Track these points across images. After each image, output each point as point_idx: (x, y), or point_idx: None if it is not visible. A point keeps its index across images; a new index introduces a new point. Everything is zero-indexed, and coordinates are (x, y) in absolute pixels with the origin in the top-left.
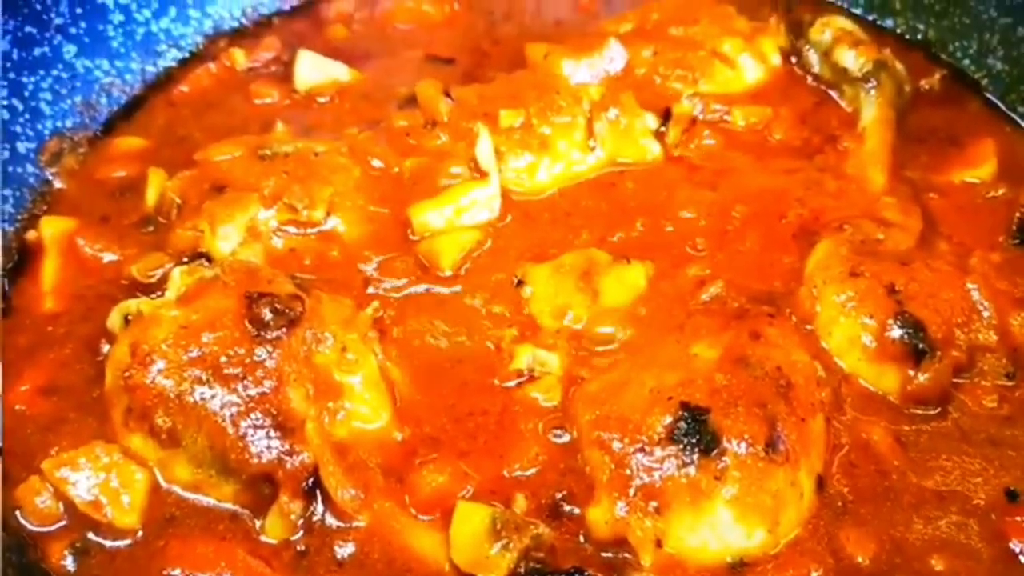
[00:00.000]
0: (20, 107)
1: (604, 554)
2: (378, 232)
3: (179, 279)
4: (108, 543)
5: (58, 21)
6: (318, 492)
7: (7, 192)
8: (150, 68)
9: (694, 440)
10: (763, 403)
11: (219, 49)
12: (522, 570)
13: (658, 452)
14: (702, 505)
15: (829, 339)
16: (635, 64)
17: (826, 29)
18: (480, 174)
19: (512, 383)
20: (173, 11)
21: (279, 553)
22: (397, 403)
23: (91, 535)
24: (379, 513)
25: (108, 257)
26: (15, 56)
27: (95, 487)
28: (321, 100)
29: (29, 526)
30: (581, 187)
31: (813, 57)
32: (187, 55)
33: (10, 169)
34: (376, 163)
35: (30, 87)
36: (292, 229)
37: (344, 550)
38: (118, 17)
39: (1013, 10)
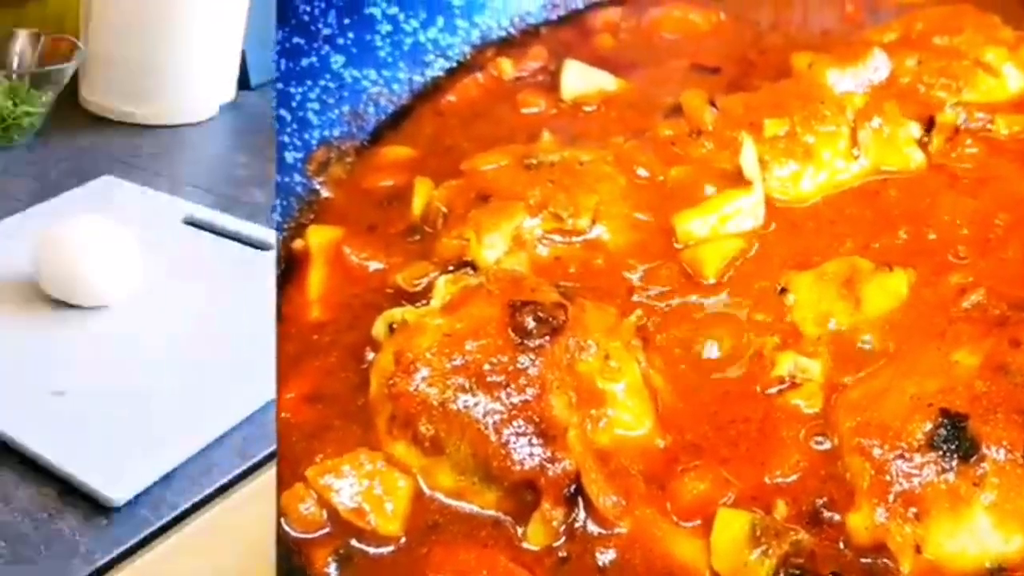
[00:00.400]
0: (288, 117)
1: (863, 560)
2: (642, 240)
3: (444, 288)
4: (371, 550)
5: (326, 32)
6: (580, 499)
7: (275, 202)
8: (417, 78)
9: (953, 447)
10: (1022, 410)
11: (486, 59)
12: None
13: (918, 458)
14: (961, 511)
15: None
16: (899, 73)
17: None
18: (743, 183)
19: (774, 390)
20: (441, 21)
21: (541, 560)
22: (659, 410)
23: (354, 542)
24: (640, 520)
25: (374, 266)
26: (283, 67)
27: (358, 494)
28: (587, 109)
29: (292, 532)
30: (845, 195)
31: None
32: (454, 65)
33: (278, 179)
34: (641, 172)
35: (298, 97)
36: (557, 237)
37: (605, 556)
38: (386, 27)
39: None
